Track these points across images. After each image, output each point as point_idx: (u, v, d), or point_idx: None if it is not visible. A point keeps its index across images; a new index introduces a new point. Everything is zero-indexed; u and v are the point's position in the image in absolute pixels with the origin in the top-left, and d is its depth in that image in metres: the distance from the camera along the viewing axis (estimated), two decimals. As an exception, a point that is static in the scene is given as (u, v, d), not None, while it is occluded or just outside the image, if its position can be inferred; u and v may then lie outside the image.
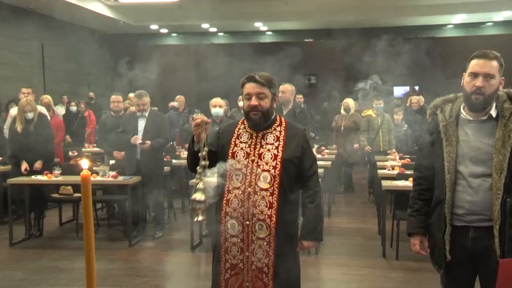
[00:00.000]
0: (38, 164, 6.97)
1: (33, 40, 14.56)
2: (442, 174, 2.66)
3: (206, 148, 2.73)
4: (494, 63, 2.59)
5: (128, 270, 5.54)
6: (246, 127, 3.07)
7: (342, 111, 9.97)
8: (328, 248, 6.30)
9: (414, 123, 9.16)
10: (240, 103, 5.55)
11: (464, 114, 2.69)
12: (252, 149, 3.00)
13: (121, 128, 6.77)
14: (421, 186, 2.87)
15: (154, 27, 18.08)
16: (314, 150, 8.71)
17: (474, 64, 2.62)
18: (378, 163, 7.81)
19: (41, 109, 7.59)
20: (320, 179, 6.25)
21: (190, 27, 18.01)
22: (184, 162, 6.08)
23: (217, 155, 3.02)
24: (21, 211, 7.12)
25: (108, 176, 6.49)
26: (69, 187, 6.91)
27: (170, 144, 8.77)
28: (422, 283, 4.90)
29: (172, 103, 10.90)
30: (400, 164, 7.31)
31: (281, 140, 3.00)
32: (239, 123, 3.13)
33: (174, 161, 8.10)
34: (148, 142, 6.39)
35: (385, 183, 6.18)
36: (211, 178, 2.77)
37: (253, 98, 2.99)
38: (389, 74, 11.99)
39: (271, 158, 2.96)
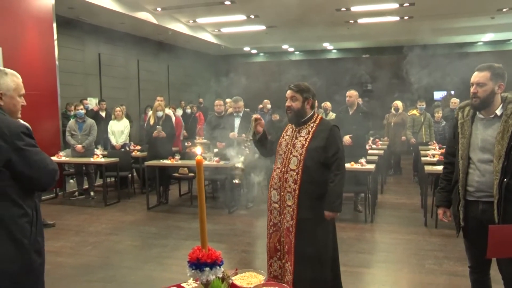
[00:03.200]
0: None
1: (162, 63, 15.21)
2: (458, 160, 2.65)
3: (251, 133, 3.13)
4: (485, 74, 2.54)
5: (228, 230, 5.64)
6: (293, 125, 3.11)
7: (392, 111, 9.69)
8: (380, 218, 6.19)
9: (451, 119, 8.76)
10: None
11: (478, 113, 2.63)
12: (290, 140, 3.05)
13: (222, 126, 6.91)
14: (446, 170, 2.85)
15: (246, 48, 18.29)
16: (370, 141, 8.66)
17: (472, 76, 2.61)
18: (421, 152, 7.52)
19: (169, 112, 7.95)
20: (374, 164, 6.21)
21: (274, 48, 18.05)
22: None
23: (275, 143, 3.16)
24: (154, 185, 7.37)
25: (213, 161, 6.62)
26: (186, 169, 7.08)
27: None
28: (456, 246, 4.69)
29: (260, 105, 11.00)
30: (439, 153, 7.02)
31: (311, 134, 2.99)
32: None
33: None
34: (243, 135, 6.48)
35: (427, 168, 6.01)
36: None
37: (288, 100, 3.04)
38: (430, 81, 11.50)
39: (300, 147, 2.97)
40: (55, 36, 7.98)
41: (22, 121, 2.23)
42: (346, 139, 6.19)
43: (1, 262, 1.95)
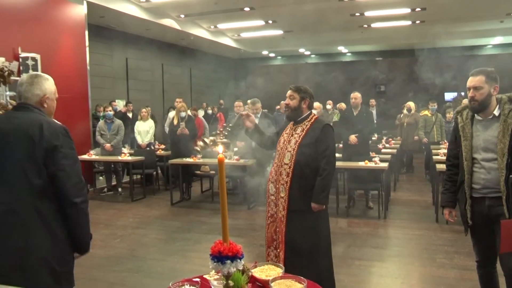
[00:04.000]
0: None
1: (185, 66, 15.31)
2: (462, 161, 2.64)
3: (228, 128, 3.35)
4: (480, 78, 2.56)
5: (247, 225, 5.67)
6: (292, 123, 3.18)
7: (405, 111, 9.58)
8: (393, 214, 6.12)
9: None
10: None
11: (476, 115, 2.64)
12: (287, 137, 3.11)
13: (241, 126, 6.88)
14: (450, 172, 2.82)
15: (265, 52, 18.26)
16: (383, 141, 8.57)
17: (467, 81, 2.62)
18: (433, 151, 7.41)
19: (189, 113, 8.01)
20: (387, 163, 6.16)
21: (291, 51, 17.98)
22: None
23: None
24: (177, 182, 7.39)
25: (233, 159, 6.61)
26: (207, 166, 7.13)
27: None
28: (466, 241, 4.55)
29: (278, 106, 10.98)
30: (450, 152, 6.90)
31: (304, 131, 3.05)
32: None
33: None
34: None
35: (438, 166, 5.90)
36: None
37: (287, 99, 3.13)
38: (441, 82, 11.33)
39: (294, 143, 3.03)
40: (87, 43, 8.14)
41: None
42: (352, 138, 6.17)
43: (40, 250, 2.01)
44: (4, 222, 1.97)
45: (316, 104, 6.66)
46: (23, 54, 6.59)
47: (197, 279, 1.74)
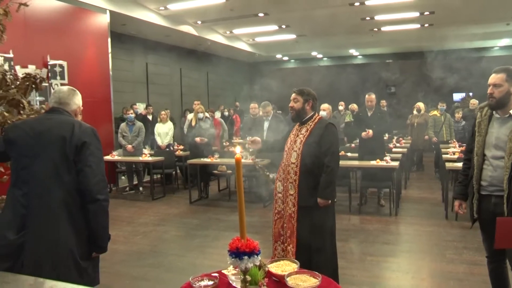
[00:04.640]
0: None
1: (201, 70, 15.39)
2: (474, 157, 2.63)
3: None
4: (501, 75, 2.51)
5: (263, 222, 5.66)
6: (297, 125, 3.22)
7: (415, 112, 9.49)
8: (404, 211, 6.07)
9: (471, 119, 8.49)
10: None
11: (495, 113, 2.60)
12: (293, 137, 3.15)
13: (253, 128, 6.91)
14: (465, 165, 2.81)
15: (278, 56, 18.24)
16: (394, 141, 8.49)
17: (489, 78, 2.58)
18: (442, 150, 7.34)
19: (207, 114, 8.06)
20: (398, 162, 6.10)
21: (304, 55, 17.91)
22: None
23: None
24: (195, 181, 7.43)
25: (249, 159, 6.57)
26: (224, 166, 7.12)
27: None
28: (475, 237, 4.54)
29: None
30: (459, 150, 6.86)
31: (309, 131, 3.08)
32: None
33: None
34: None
35: (448, 165, 5.87)
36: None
37: (291, 102, 3.18)
38: (450, 83, 11.17)
39: (299, 142, 3.06)
40: (110, 50, 8.26)
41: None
42: (364, 134, 6.15)
43: (67, 244, 2.06)
44: (38, 215, 2.04)
45: (325, 106, 6.64)
46: (51, 62, 6.75)
47: (216, 274, 1.76)
